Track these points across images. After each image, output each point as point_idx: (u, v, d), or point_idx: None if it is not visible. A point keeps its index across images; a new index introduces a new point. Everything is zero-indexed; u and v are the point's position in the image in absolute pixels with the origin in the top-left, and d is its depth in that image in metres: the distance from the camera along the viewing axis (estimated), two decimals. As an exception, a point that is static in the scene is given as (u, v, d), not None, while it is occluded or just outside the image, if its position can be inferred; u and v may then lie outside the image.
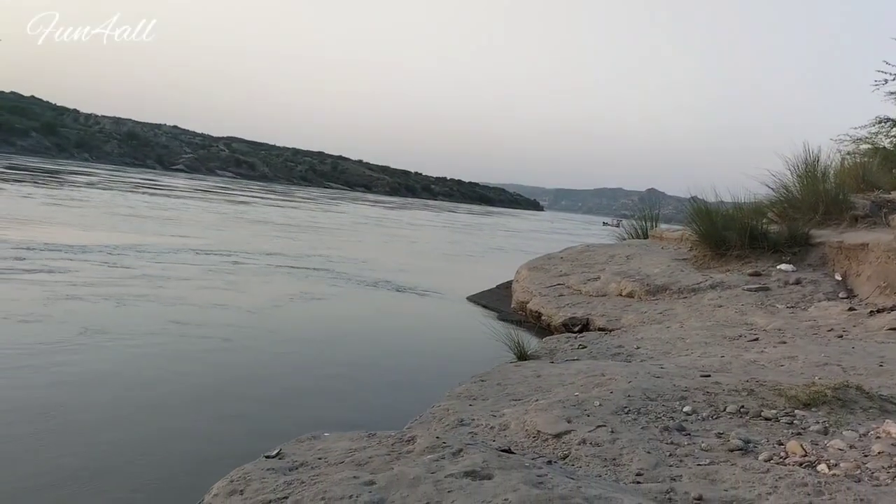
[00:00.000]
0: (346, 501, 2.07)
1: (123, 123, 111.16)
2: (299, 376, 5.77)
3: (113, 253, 10.79)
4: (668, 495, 2.20)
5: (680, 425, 2.92)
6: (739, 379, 3.65)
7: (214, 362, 5.87)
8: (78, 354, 5.44)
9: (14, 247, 9.97)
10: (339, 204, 50.83)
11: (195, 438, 4.20)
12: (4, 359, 5.10)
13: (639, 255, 8.70)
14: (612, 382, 3.58)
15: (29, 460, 3.59)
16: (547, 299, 7.72)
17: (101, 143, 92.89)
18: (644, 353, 4.93)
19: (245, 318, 7.60)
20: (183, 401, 4.82)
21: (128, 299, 7.60)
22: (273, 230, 20.21)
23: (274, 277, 10.84)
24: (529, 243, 29.27)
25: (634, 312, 6.55)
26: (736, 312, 6.00)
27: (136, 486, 3.47)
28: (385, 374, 6.21)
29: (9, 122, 79.90)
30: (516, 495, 1.99)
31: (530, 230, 46.67)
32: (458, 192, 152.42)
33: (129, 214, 18.86)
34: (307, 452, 2.64)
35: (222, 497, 2.25)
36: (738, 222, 7.65)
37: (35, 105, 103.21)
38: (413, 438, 2.70)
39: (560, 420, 2.97)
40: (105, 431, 4.10)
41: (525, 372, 4.35)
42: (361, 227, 27.62)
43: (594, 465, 2.55)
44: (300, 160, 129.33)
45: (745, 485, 2.29)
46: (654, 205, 11.73)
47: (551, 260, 9.60)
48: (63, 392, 4.65)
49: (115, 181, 40.35)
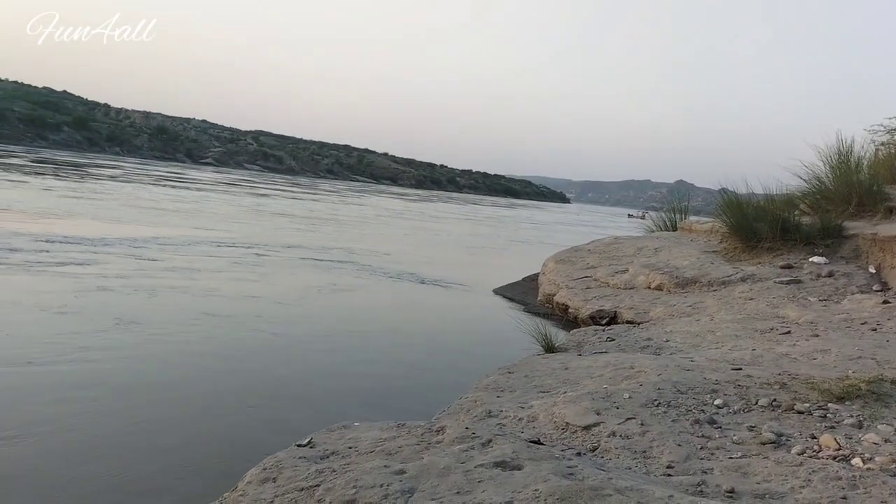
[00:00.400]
0: (377, 490, 2.09)
1: (153, 118, 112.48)
2: (328, 366, 5.82)
3: (136, 246, 10.92)
4: (699, 488, 2.19)
5: (711, 418, 2.90)
6: (771, 372, 3.62)
7: (246, 352, 5.94)
8: (113, 345, 5.54)
9: (36, 239, 10.16)
10: (361, 196, 50.90)
11: (227, 426, 4.25)
12: (48, 349, 5.21)
13: (668, 247, 8.62)
14: (642, 375, 3.56)
15: (68, 451, 3.68)
16: (574, 292, 7.69)
17: (131, 137, 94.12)
18: (673, 346, 4.90)
19: (275, 310, 7.68)
20: (215, 390, 4.89)
21: (160, 291, 7.71)
22: (294, 223, 20.30)
23: (300, 269, 10.92)
24: (553, 235, 29.15)
25: (663, 305, 6.50)
26: (767, 305, 5.93)
27: (172, 472, 3.53)
28: (412, 364, 6.24)
29: (42, 116, 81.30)
30: (547, 486, 1.99)
31: (554, 222, 46.45)
32: (484, 184, 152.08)
33: (150, 207, 19.02)
34: (338, 441, 2.66)
35: (255, 484, 2.29)
36: (770, 214, 7.54)
37: (67, 100, 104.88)
38: (442, 429, 2.71)
39: (589, 412, 2.96)
40: (141, 420, 4.17)
41: (553, 364, 4.35)
42: (383, 219, 27.64)
43: (624, 457, 2.54)
44: (326, 153, 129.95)
45: (778, 478, 2.27)
46: (683, 197, 11.59)
47: (578, 252, 9.55)
48: (99, 381, 4.74)
49: (138, 174, 40.61)
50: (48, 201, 16.78)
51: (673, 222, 10.71)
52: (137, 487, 3.37)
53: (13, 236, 10.13)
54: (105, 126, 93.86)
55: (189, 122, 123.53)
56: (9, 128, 74.74)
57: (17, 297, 6.69)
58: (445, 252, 16.90)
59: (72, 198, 18.79)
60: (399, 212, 35.30)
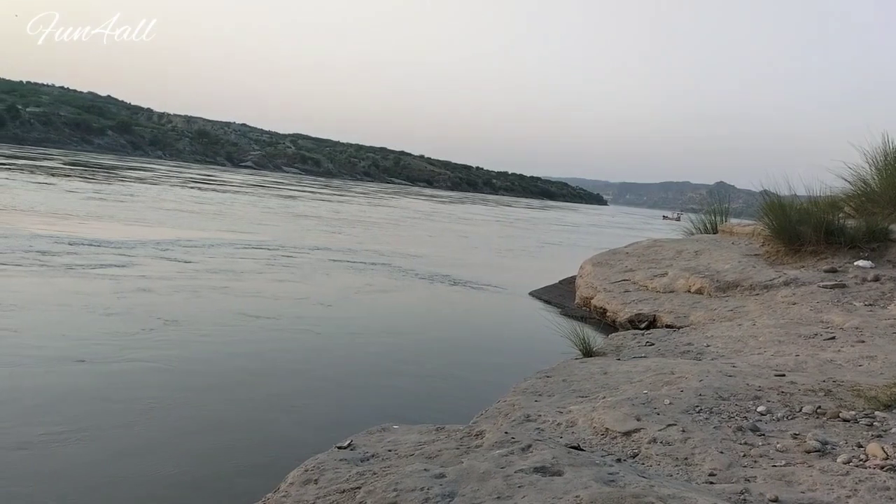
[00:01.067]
0: (417, 493, 2.10)
1: (194, 122, 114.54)
2: (366, 368, 5.87)
3: (164, 248, 11.09)
4: (742, 496, 2.16)
5: (754, 425, 2.86)
6: (815, 379, 3.55)
7: (284, 354, 6.02)
8: (157, 346, 5.66)
9: (65, 241, 10.42)
10: (392, 199, 50.98)
11: (268, 426, 4.32)
12: (97, 349, 5.34)
13: (708, 250, 8.50)
14: (683, 381, 3.52)
15: (112, 449, 3.77)
16: (612, 295, 7.62)
17: (173, 141, 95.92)
18: (714, 351, 4.83)
19: (314, 311, 7.77)
20: (256, 390, 4.96)
21: (201, 292, 7.85)
22: (320, 224, 20.45)
23: (334, 271, 11.04)
24: (585, 238, 28.94)
25: (704, 309, 6.41)
26: (811, 310, 5.81)
27: (215, 472, 3.60)
28: (448, 366, 6.26)
29: (87, 121, 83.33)
30: (588, 493, 1.99)
31: (588, 224, 46.11)
32: (520, 186, 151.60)
33: (173, 209, 19.20)
34: (377, 444, 2.69)
35: (298, 486, 2.32)
36: (814, 216, 7.38)
37: (111, 104, 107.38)
38: (481, 433, 2.72)
39: (629, 418, 2.94)
40: (185, 420, 4.26)
41: (591, 368, 4.32)
42: (411, 221, 27.64)
43: (665, 464, 2.52)
44: (363, 156, 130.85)
45: (823, 487, 2.24)
46: (724, 198, 11.39)
47: (616, 255, 9.47)
48: (145, 382, 4.84)
49: (166, 176, 40.98)
50: (71, 203, 17.01)
51: (713, 224, 10.55)
52: (179, 487, 3.44)
53: (36, 238, 10.39)
54: (148, 130, 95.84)
55: (229, 125, 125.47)
56: (55, 132, 76.77)
57: (65, 299, 6.87)
58: (476, 254, 16.92)
59: (96, 200, 19.07)
60: (427, 213, 35.36)
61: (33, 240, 10.16)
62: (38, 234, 10.72)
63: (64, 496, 3.22)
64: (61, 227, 12.23)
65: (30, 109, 78.24)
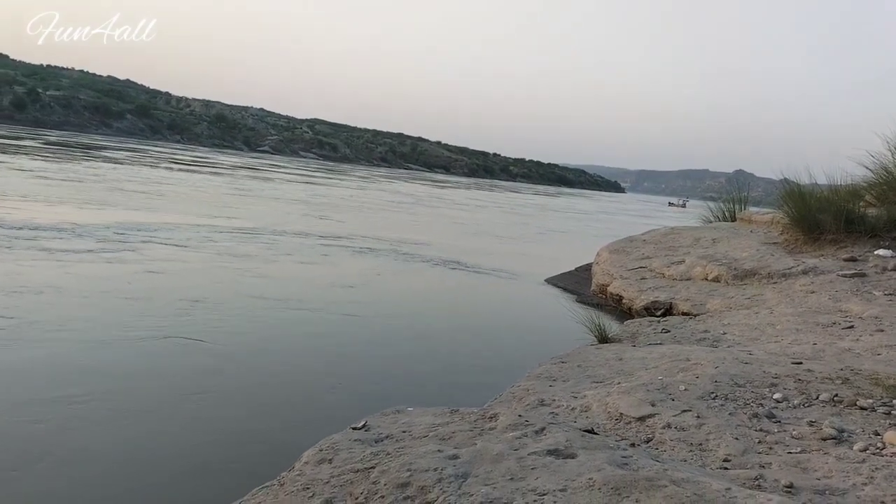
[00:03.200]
0: (431, 474, 2.11)
1: (212, 106, 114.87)
2: (380, 351, 5.89)
3: (124, 231, 10.39)
4: (757, 482, 2.15)
5: (770, 412, 2.84)
6: (833, 367, 3.52)
7: (305, 339, 6.06)
8: (175, 331, 5.71)
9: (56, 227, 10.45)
10: (390, 182, 49.79)
11: (283, 406, 4.35)
12: (130, 331, 5.41)
13: (726, 238, 8.43)
14: (698, 367, 3.51)
15: (129, 426, 3.82)
16: (628, 282, 7.59)
17: (191, 126, 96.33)
18: (731, 339, 4.80)
19: (329, 295, 7.80)
20: (271, 371, 5.01)
21: (185, 276, 7.90)
22: (309, 209, 19.39)
23: (337, 257, 11.05)
24: (592, 225, 28.65)
25: (721, 297, 6.37)
26: (829, 299, 5.76)
27: (230, 451, 3.64)
28: (463, 351, 6.27)
29: (106, 104, 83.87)
30: (601, 475, 1.99)
31: (598, 211, 45.71)
32: (537, 173, 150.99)
33: (132, 191, 17.63)
34: (392, 425, 2.70)
35: (312, 465, 2.34)
36: (834, 205, 7.30)
37: (130, 88, 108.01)
38: (495, 416, 2.72)
39: (644, 403, 2.94)
40: (207, 401, 4.30)
41: (606, 354, 4.31)
42: (412, 206, 26.72)
43: (679, 449, 2.52)
44: (380, 141, 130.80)
45: (839, 474, 2.22)
46: (743, 186, 11.29)
47: (633, 242, 9.42)
48: (165, 365, 4.90)
49: (160, 157, 39.25)
50: (10, 183, 15.46)
51: (731, 212, 10.47)
52: (195, 466, 3.48)
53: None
54: (166, 114, 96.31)
55: (247, 110, 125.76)
56: (75, 116, 77.37)
57: (85, 285, 6.95)
58: (478, 241, 16.80)
59: (44, 180, 17.12)
60: (420, 198, 34.05)
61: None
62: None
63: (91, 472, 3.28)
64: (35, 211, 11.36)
65: (50, 93, 78.84)
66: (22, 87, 75.50)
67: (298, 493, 2.17)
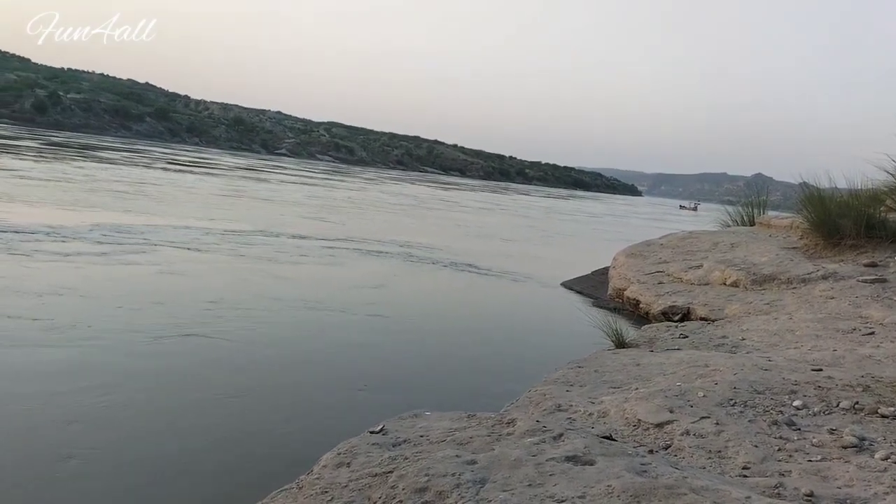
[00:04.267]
0: (448, 479, 2.12)
1: (230, 109, 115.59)
2: (397, 355, 5.90)
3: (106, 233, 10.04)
4: (776, 490, 2.14)
5: (789, 420, 2.82)
6: (854, 374, 3.49)
7: (317, 342, 6.09)
8: (189, 331, 5.76)
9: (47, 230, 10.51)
10: (395, 185, 48.70)
11: (300, 408, 4.37)
12: (152, 337, 5.46)
13: (744, 242, 8.38)
14: (717, 373, 3.49)
15: (142, 430, 3.86)
16: (646, 287, 7.56)
17: (209, 128, 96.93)
18: (750, 345, 4.77)
19: (342, 297, 7.83)
20: (288, 374, 5.03)
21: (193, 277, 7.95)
22: (308, 210, 18.77)
23: (348, 261, 11.08)
24: (602, 228, 28.38)
25: (739, 302, 6.33)
26: (850, 305, 5.71)
27: (250, 454, 3.66)
28: (479, 355, 6.27)
29: (125, 107, 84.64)
30: (620, 482, 1.98)
31: (603, 213, 45.13)
32: (553, 176, 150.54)
33: (121, 191, 16.92)
34: (409, 430, 2.71)
35: (331, 468, 2.35)
36: (854, 210, 7.23)
37: (150, 91, 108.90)
38: (513, 421, 2.72)
39: (662, 410, 2.93)
40: (226, 402, 4.34)
41: (623, 360, 4.30)
42: (401, 208, 25.67)
43: (698, 456, 2.51)
44: (397, 144, 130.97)
45: (860, 483, 2.20)
46: (762, 191, 11.21)
47: (650, 247, 9.38)
48: (182, 365, 4.94)
49: (160, 158, 38.36)
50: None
51: (750, 217, 10.39)
52: (214, 467, 3.51)
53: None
54: (185, 117, 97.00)
55: (265, 113, 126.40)
56: (95, 118, 78.14)
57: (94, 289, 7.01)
58: (496, 244, 16.78)
59: (24, 180, 16.28)
60: (423, 199, 33.21)
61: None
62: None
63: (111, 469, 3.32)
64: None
65: (71, 96, 79.69)
66: (43, 90, 76.39)
67: (317, 496, 2.18)
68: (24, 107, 71.34)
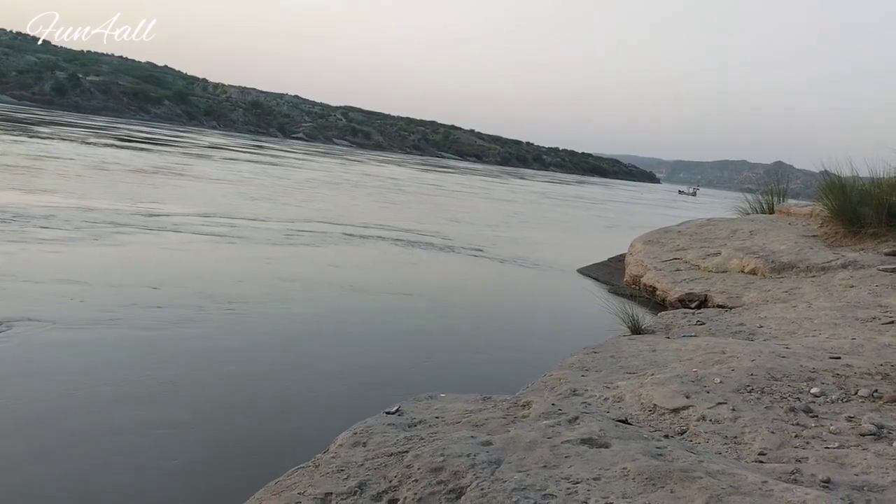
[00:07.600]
0: (464, 459, 2.13)
1: (248, 93, 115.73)
2: (414, 337, 5.93)
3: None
4: (793, 476, 2.13)
5: (807, 407, 2.81)
6: (872, 362, 3.46)
7: (331, 323, 6.13)
8: (209, 317, 5.82)
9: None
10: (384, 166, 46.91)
11: (317, 388, 4.41)
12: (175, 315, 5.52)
13: (763, 230, 8.31)
14: (734, 360, 3.47)
15: (162, 414, 3.91)
16: (662, 274, 7.53)
17: (227, 112, 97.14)
18: (767, 332, 4.74)
19: (359, 278, 7.86)
20: (306, 355, 5.07)
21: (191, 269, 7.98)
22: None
23: (364, 248, 11.11)
24: (604, 215, 28.11)
25: (757, 290, 6.29)
26: (869, 293, 5.65)
27: (267, 433, 3.70)
28: (496, 339, 6.28)
29: (144, 91, 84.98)
30: (635, 465, 1.98)
31: (606, 199, 44.24)
32: (570, 162, 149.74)
33: (74, 174, 15.48)
34: (425, 411, 2.72)
35: (347, 447, 2.37)
36: (875, 198, 7.14)
37: (168, 75, 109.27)
38: (528, 404, 2.73)
39: (678, 395, 2.92)
40: (242, 383, 4.38)
41: (639, 346, 4.29)
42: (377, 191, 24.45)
43: (714, 441, 2.50)
44: (413, 129, 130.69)
45: (878, 470, 2.19)
46: (781, 178, 11.11)
47: (668, 234, 9.33)
48: (198, 359, 5.00)
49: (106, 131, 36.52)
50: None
51: (770, 205, 10.31)
52: (230, 446, 3.55)
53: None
54: (203, 101, 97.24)
55: (282, 97, 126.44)
56: (114, 101, 78.57)
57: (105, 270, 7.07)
58: (509, 231, 16.75)
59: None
60: (405, 182, 31.46)
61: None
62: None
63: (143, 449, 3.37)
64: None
65: (90, 78, 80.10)
66: (63, 72, 76.82)
67: (333, 474, 2.20)
68: (44, 89, 71.83)
